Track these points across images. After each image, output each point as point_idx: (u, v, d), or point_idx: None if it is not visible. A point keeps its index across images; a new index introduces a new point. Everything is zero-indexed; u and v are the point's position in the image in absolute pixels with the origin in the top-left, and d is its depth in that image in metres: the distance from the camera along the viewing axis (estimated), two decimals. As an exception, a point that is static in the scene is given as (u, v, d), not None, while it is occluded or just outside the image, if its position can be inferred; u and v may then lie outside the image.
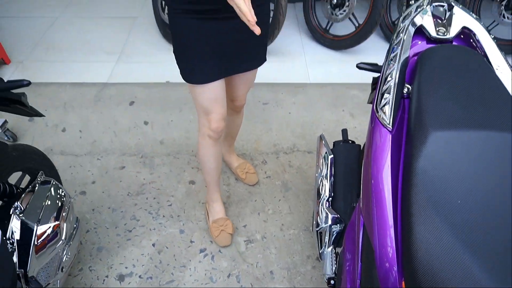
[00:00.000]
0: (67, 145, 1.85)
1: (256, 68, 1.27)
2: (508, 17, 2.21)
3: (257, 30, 0.82)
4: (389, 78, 0.88)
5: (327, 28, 2.44)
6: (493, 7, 2.26)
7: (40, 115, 1.29)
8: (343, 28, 2.43)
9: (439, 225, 0.62)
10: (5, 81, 1.13)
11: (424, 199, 0.66)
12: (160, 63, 2.32)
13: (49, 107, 2.03)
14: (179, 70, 1.13)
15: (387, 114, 0.83)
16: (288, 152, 1.82)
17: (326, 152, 1.23)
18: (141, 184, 1.69)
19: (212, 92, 1.15)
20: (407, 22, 0.96)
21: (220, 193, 1.52)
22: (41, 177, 1.13)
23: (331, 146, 1.25)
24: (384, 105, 0.85)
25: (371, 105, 1.88)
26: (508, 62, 0.87)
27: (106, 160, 1.79)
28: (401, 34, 0.95)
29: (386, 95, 0.85)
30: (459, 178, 0.67)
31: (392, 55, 0.92)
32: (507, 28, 2.31)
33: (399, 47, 0.92)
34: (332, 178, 1.18)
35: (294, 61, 2.35)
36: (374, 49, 2.45)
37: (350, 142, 1.27)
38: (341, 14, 2.28)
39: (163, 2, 2.36)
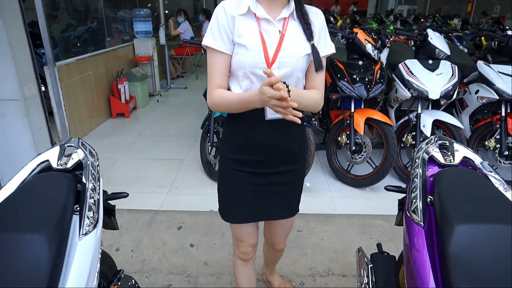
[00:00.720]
0: (119, 263, 2.02)
1: (290, 218, 1.40)
2: (503, 162, 2.59)
3: (297, 118, 0.98)
4: (414, 190, 1.16)
5: (348, 169, 2.84)
6: (489, 154, 2.68)
7: (117, 228, 1.55)
8: (362, 169, 2.83)
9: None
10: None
11: (461, 276, 0.86)
12: (204, 195, 2.67)
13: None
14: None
15: (418, 214, 1.08)
16: (324, 275, 1.94)
17: (366, 263, 1.40)
18: (186, 301, 1.78)
19: (243, 229, 1.35)
20: (421, 153, 1.30)
21: None
22: (122, 274, 1.31)
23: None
24: (414, 209, 1.11)
25: (396, 233, 2.13)
26: (502, 179, 1.15)
27: (154, 278, 1.92)
28: (417, 161, 1.27)
29: (414, 201, 1.12)
30: (485, 258, 0.88)
31: (414, 174, 1.23)
32: (504, 171, 2.67)
33: (419, 169, 1.23)
34: (374, 285, 1.32)
35: (322, 196, 2.68)
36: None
37: (386, 253, 1.45)
38: (359, 158, 2.71)
39: (210, 147, 2.86)
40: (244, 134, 1.24)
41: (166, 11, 6.63)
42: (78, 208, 1.09)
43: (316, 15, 1.22)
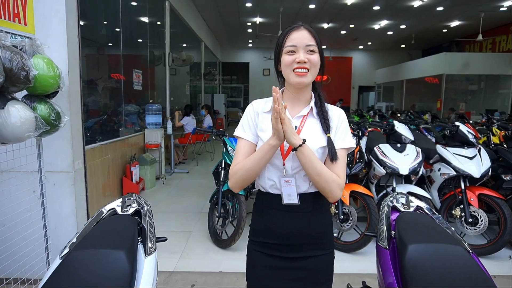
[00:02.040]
0: (141, 315, 2.28)
1: None
2: (469, 229, 3.03)
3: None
4: (382, 227, 1.62)
5: (339, 237, 3.24)
6: (457, 222, 3.13)
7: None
8: (350, 236, 3.23)
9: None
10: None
11: (413, 279, 1.29)
12: (213, 260, 3.00)
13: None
14: None
15: (384, 241, 1.53)
16: (322, 323, 2.22)
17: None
18: None
19: None
20: (386, 203, 1.78)
21: None
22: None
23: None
24: (382, 238, 1.55)
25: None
26: (442, 219, 1.62)
27: (172, 327, 2.18)
28: (384, 209, 1.75)
29: (381, 233, 1.57)
30: (429, 265, 1.31)
31: (381, 218, 1.69)
32: (472, 237, 3.10)
33: (385, 215, 1.71)
34: (361, 313, 1.69)
35: (316, 259, 3.02)
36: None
37: (369, 287, 1.82)
38: (347, 226, 3.13)
39: (217, 218, 3.27)
40: (264, 219, 1.31)
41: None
42: (141, 240, 1.52)
43: (335, 112, 1.31)
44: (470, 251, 1.43)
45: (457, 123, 3.28)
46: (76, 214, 2.59)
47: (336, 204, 3.19)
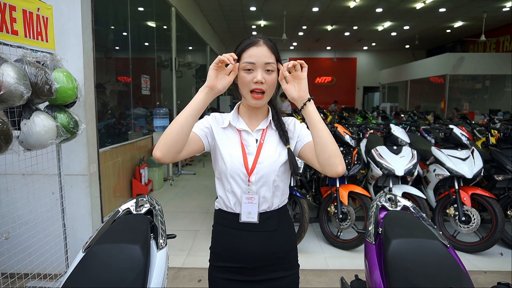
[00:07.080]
0: (152, 307, 2.47)
1: None
2: (463, 227, 3.17)
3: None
4: (369, 224, 1.79)
5: (338, 235, 3.40)
6: (452, 221, 3.27)
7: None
8: (348, 234, 3.39)
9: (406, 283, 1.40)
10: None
11: (394, 270, 1.45)
12: (218, 256, 3.18)
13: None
14: None
15: (371, 237, 1.70)
16: (319, 315, 2.39)
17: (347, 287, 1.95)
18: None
19: None
20: (375, 202, 1.95)
21: None
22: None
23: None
24: (369, 234, 1.72)
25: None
26: (425, 217, 1.79)
27: (181, 317, 2.37)
28: (373, 208, 1.92)
29: (369, 229, 1.74)
30: (409, 256, 1.48)
31: (370, 216, 1.86)
32: (465, 235, 3.24)
33: (373, 213, 1.87)
34: (353, 304, 1.86)
35: (316, 256, 3.19)
36: (374, 251, 3.30)
37: (360, 280, 1.99)
38: (346, 224, 3.29)
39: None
40: (224, 241, 1.27)
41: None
42: (153, 236, 1.70)
43: (290, 122, 1.32)
44: (448, 246, 1.59)
45: (451, 126, 3.42)
46: (92, 214, 2.79)
47: (335, 204, 3.36)
